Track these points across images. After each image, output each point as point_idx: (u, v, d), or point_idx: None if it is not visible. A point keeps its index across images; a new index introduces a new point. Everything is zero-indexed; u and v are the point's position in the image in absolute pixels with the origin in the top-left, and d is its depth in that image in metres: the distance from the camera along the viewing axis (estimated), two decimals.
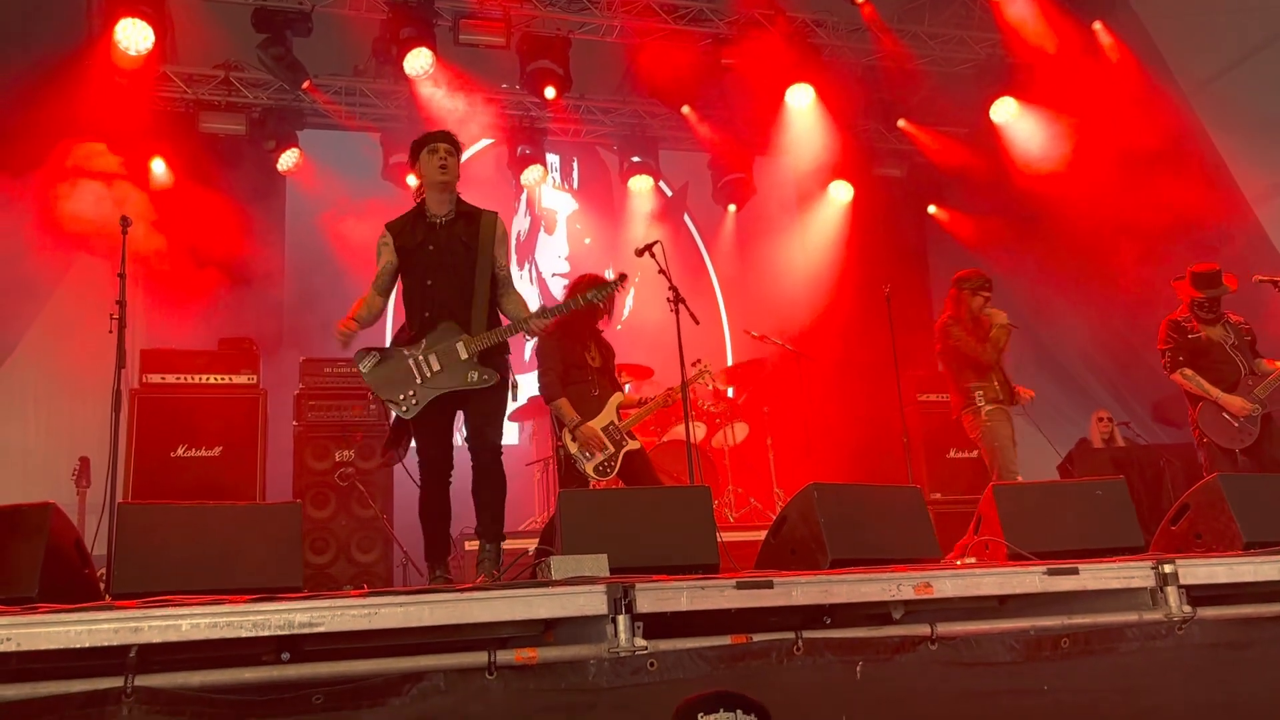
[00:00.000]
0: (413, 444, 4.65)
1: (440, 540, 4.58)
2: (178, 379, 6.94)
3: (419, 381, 4.42)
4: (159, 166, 8.71)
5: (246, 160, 9.16)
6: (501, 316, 4.68)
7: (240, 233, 8.73)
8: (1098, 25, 8.85)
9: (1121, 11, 8.95)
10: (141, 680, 2.73)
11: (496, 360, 4.54)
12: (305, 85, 8.73)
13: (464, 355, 4.44)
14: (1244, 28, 8.74)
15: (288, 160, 9.19)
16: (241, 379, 7.06)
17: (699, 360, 6.32)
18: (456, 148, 4.61)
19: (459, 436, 4.67)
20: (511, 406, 4.88)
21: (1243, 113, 9.07)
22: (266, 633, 2.88)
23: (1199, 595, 3.75)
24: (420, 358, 4.45)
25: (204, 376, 6.97)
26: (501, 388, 4.53)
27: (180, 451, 6.74)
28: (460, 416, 4.60)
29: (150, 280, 8.27)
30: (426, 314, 4.48)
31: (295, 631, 2.91)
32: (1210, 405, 6.19)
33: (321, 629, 2.93)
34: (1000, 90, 9.70)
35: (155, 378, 6.92)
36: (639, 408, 5.90)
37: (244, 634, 2.86)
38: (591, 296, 4.91)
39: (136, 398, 6.77)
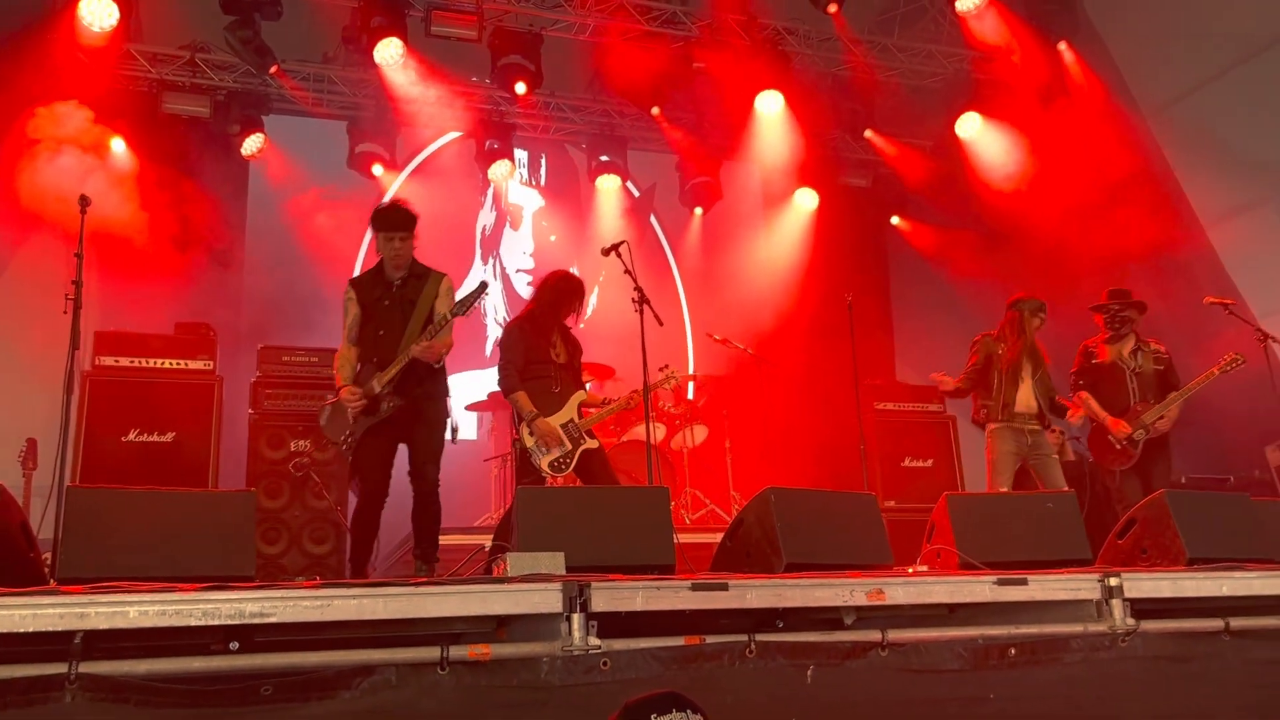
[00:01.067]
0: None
1: (364, 550, 5.02)
2: (132, 362, 6.82)
3: (352, 421, 5.00)
4: (119, 146, 8.56)
5: (210, 143, 9.03)
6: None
7: (201, 216, 8.61)
8: (1063, 46, 8.99)
9: (1086, 34, 9.10)
10: (86, 667, 2.69)
11: (411, 389, 4.97)
12: (273, 70, 8.63)
13: (376, 389, 4.96)
14: (1203, 54, 8.93)
15: (252, 145, 9.08)
16: (198, 364, 6.95)
17: (666, 365, 6.38)
18: (412, 230, 5.07)
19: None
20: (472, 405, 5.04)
21: (1200, 137, 9.27)
22: (217, 622, 2.85)
23: (1143, 609, 3.82)
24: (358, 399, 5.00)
25: (159, 361, 6.86)
26: (440, 427, 5.09)
27: (132, 436, 6.63)
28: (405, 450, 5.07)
29: (107, 262, 8.12)
30: (375, 359, 5.04)
31: (246, 621, 2.87)
32: (1098, 427, 6.50)
33: (273, 619, 2.90)
34: (966, 105, 9.83)
35: (109, 360, 6.80)
36: (601, 407, 5.90)
37: (194, 622, 2.83)
38: (454, 311, 5.06)
39: (89, 380, 6.65)
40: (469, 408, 8.85)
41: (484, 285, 5.31)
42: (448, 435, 5.16)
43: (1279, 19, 8.51)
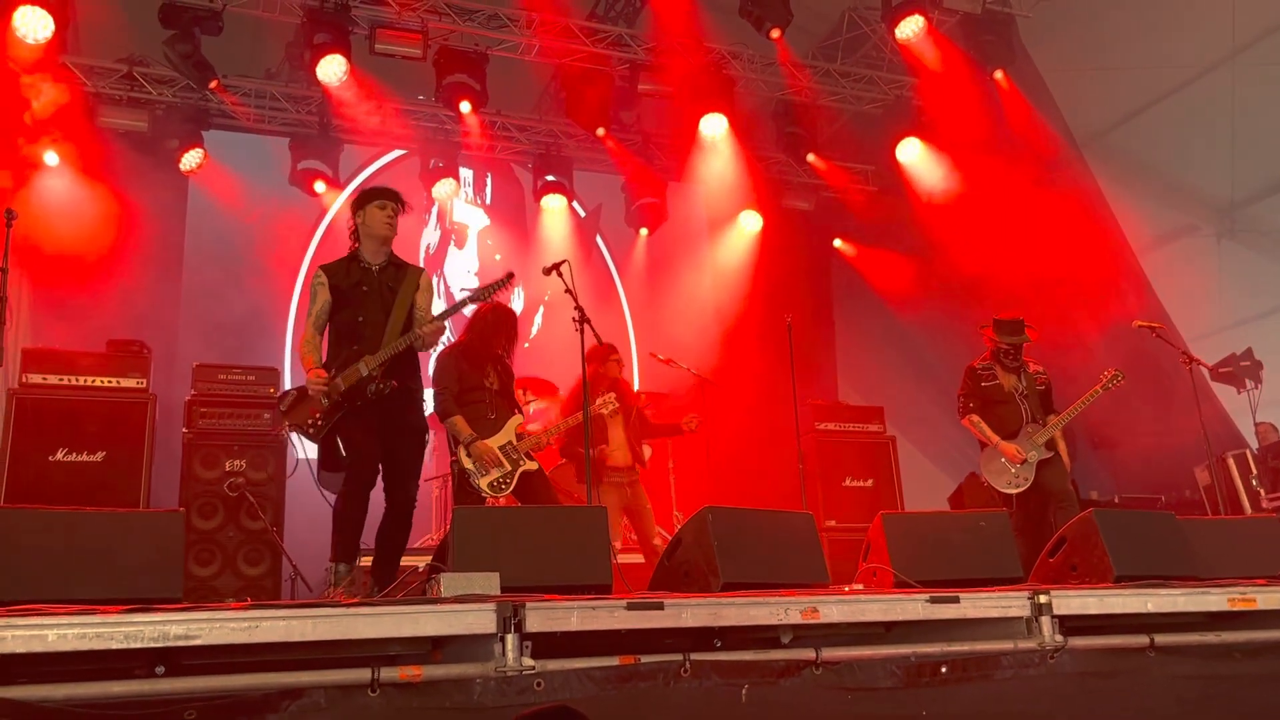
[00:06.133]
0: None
1: (357, 537, 4.70)
2: (61, 380, 6.65)
3: (325, 404, 4.68)
4: (52, 159, 8.39)
5: (147, 157, 8.88)
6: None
7: (137, 232, 8.47)
8: (999, 75, 9.20)
9: (1022, 62, 9.32)
10: (2, 692, 2.61)
11: (402, 374, 4.75)
12: (213, 85, 8.51)
13: (364, 372, 4.68)
14: (1135, 84, 9.20)
15: (191, 160, 8.94)
16: (129, 382, 6.79)
17: (609, 393, 6.43)
18: (402, 206, 4.97)
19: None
20: None
21: (1131, 165, 9.54)
22: (139, 645, 2.78)
23: (1072, 625, 3.89)
24: (330, 386, 4.71)
25: (89, 379, 6.69)
26: (424, 441, 4.91)
27: (60, 455, 6.46)
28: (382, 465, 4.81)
29: (38, 277, 7.95)
30: (355, 346, 4.77)
31: (170, 644, 2.81)
32: (991, 451, 6.46)
33: (198, 642, 2.84)
34: (906, 131, 10.01)
35: (37, 378, 6.62)
36: (542, 434, 5.95)
37: (115, 645, 2.76)
38: (475, 295, 5.11)
39: (15, 398, 6.47)
40: None
41: (510, 275, 5.21)
42: None
43: (1208, 50, 8.81)
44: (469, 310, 5.47)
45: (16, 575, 3.40)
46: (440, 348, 5.63)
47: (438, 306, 5.17)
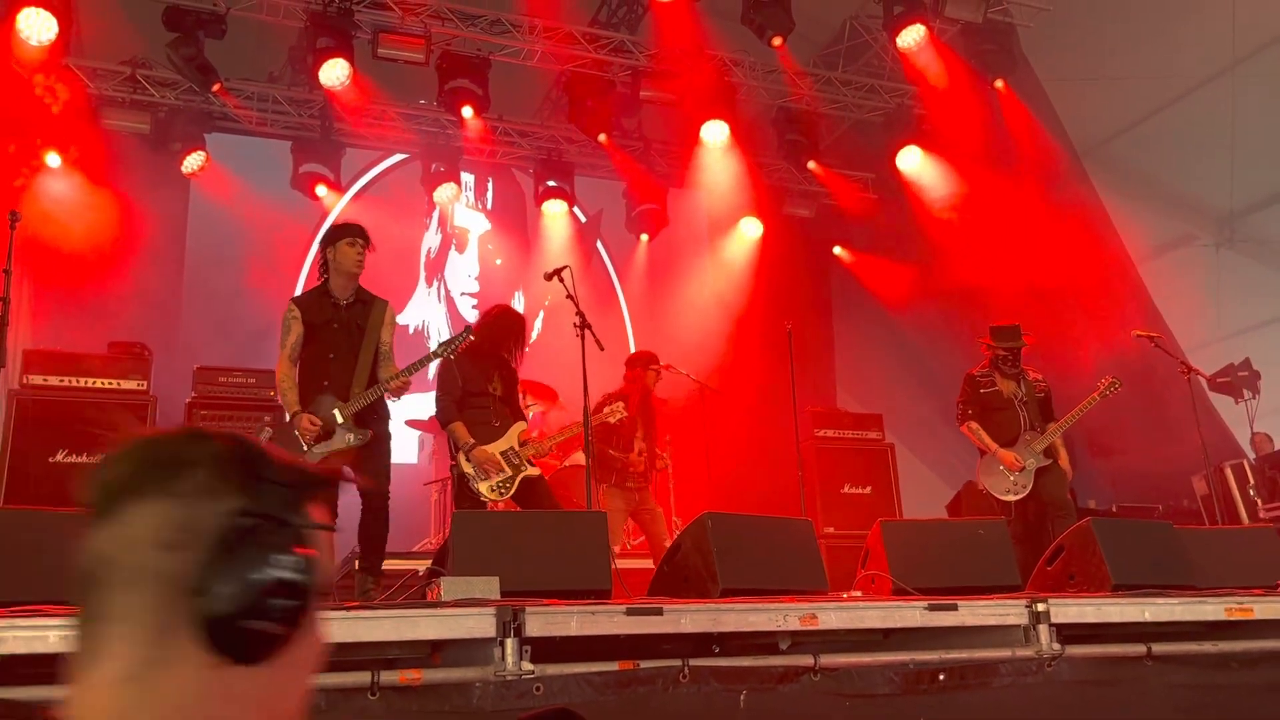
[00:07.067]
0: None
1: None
2: (62, 381, 6.66)
3: (304, 450, 4.82)
4: (54, 160, 8.41)
5: (150, 160, 8.91)
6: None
7: (139, 234, 8.48)
8: (1000, 84, 9.23)
9: (1023, 72, 9.36)
10: (4, 693, 2.62)
11: (373, 421, 5.02)
12: (215, 88, 8.53)
13: (340, 420, 4.91)
14: (1134, 94, 9.23)
15: (193, 163, 8.97)
16: (130, 384, 6.81)
17: (613, 401, 6.46)
18: (369, 243, 5.11)
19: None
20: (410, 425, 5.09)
21: (1130, 175, 9.57)
22: None
23: (1069, 634, 3.90)
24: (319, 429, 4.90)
25: (90, 380, 6.71)
26: (383, 444, 5.08)
27: (60, 457, 6.46)
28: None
29: (40, 279, 7.96)
30: (325, 383, 4.96)
31: None
32: (989, 458, 6.46)
33: None
34: (907, 139, 10.03)
35: (38, 379, 6.63)
36: (544, 440, 5.98)
37: None
38: (440, 351, 5.35)
39: (16, 399, 6.49)
40: (408, 423, 8.77)
41: (469, 328, 5.47)
42: None
43: (1208, 61, 8.84)
44: (433, 366, 5.64)
45: (18, 576, 3.41)
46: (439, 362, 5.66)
47: (438, 311, 5.23)
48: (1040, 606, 3.87)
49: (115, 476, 0.97)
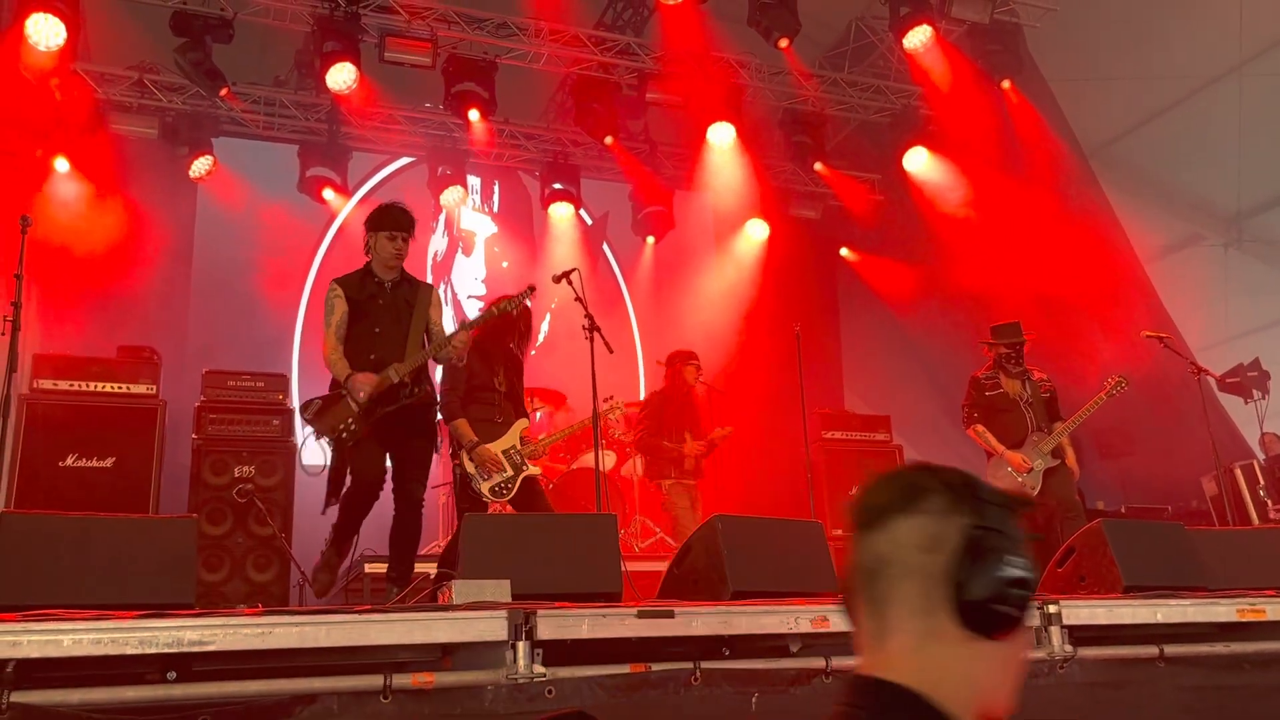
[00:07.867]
0: None
1: (348, 536, 4.93)
2: (71, 385, 6.68)
3: (356, 410, 4.76)
4: (63, 165, 8.43)
5: (158, 164, 8.94)
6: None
7: (147, 238, 8.50)
8: (1006, 84, 9.21)
9: (1029, 72, 9.34)
10: (18, 696, 2.62)
11: (430, 396, 5.04)
12: (223, 92, 8.55)
13: (394, 378, 4.81)
14: (1141, 94, 9.22)
15: (200, 167, 8.99)
16: (140, 388, 6.83)
17: (611, 396, 6.42)
18: (413, 233, 5.08)
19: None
20: None
21: (1138, 175, 9.55)
22: (154, 650, 2.79)
23: (1081, 635, 3.89)
24: (382, 376, 4.83)
25: (100, 384, 6.72)
26: (433, 445, 5.06)
27: (70, 461, 6.48)
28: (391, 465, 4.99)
29: (49, 283, 7.97)
30: (373, 356, 4.88)
31: (184, 650, 2.82)
32: (997, 460, 6.45)
33: (212, 648, 2.85)
34: (914, 140, 10.01)
35: (47, 383, 6.65)
36: (545, 439, 5.97)
37: (130, 651, 2.77)
38: (504, 306, 5.29)
39: (26, 403, 6.50)
40: None
41: (531, 287, 5.40)
42: None
43: (1215, 61, 8.83)
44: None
45: (30, 580, 3.41)
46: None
47: (447, 316, 5.24)
48: (1052, 608, 3.86)
49: (877, 500, 1.34)
